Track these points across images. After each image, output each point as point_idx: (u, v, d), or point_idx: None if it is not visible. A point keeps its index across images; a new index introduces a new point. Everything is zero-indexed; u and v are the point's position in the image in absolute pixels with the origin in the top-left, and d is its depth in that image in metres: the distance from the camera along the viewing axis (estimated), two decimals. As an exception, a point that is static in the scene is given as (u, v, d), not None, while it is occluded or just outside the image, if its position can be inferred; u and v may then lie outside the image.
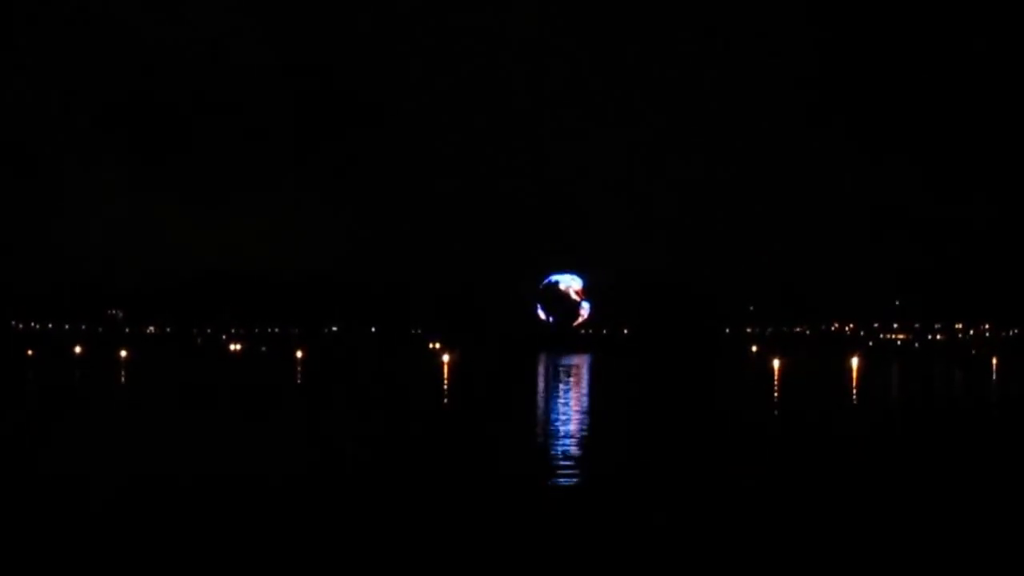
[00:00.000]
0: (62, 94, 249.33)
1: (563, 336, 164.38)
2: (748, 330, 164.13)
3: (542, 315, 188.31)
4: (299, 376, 48.39)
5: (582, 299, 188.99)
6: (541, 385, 43.29)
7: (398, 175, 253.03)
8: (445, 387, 40.60)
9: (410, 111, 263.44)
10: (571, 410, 29.18)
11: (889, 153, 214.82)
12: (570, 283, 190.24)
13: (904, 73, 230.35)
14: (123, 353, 73.89)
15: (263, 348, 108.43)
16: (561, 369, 59.06)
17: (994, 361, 70.77)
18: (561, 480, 15.83)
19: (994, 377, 51.63)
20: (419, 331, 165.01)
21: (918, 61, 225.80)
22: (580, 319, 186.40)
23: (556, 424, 24.52)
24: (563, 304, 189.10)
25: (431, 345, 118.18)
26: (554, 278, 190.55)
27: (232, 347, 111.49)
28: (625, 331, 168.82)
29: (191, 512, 12.72)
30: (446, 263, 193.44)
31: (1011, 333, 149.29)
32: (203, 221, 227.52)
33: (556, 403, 32.19)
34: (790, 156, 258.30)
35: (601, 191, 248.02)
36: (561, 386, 42.03)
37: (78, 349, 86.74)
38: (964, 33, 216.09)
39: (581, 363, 69.93)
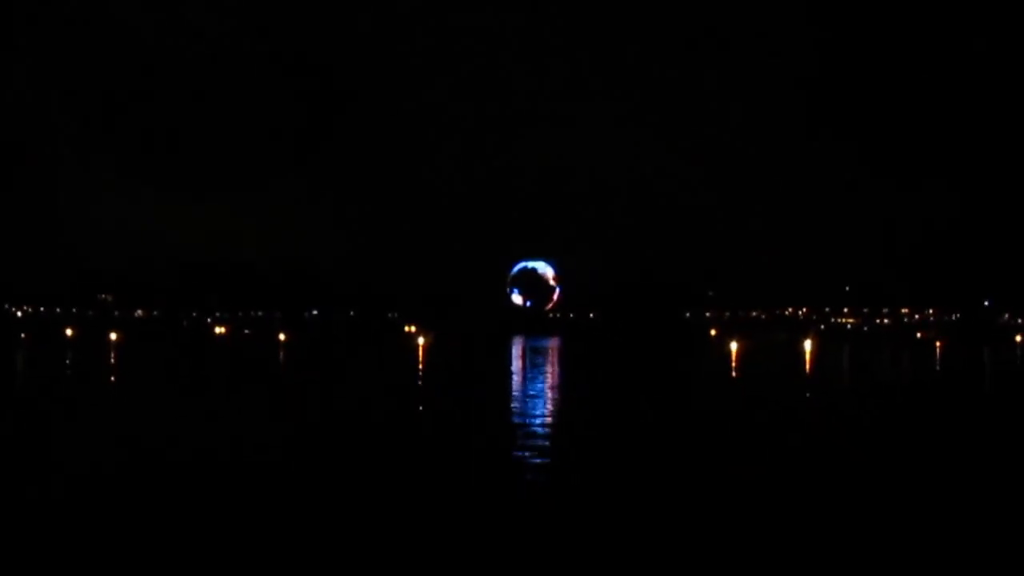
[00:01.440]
0: (60, 90, 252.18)
1: (538, 320, 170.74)
2: (707, 314, 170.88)
3: (519, 299, 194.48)
4: (280, 357, 50.51)
5: (557, 284, 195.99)
6: (518, 364, 44.69)
7: (380, 169, 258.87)
8: (424, 368, 42.06)
9: (396, 105, 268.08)
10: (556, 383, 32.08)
11: (843, 147, 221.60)
12: (545, 269, 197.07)
13: (863, 66, 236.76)
14: (112, 336, 77.98)
15: (246, 331, 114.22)
16: (540, 350, 61.63)
17: (937, 344, 75.16)
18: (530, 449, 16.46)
19: (937, 357, 54.52)
20: (395, 315, 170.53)
21: (881, 56, 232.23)
22: (551, 303, 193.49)
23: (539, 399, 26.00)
24: (540, 289, 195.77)
25: (407, 329, 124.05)
26: (530, 264, 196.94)
27: (217, 330, 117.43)
28: (591, 315, 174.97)
29: (170, 482, 12.99)
30: (424, 252, 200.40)
31: (954, 318, 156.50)
32: (191, 211, 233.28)
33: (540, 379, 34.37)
34: (749, 151, 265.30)
35: (568, 184, 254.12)
36: (540, 365, 44.15)
37: (69, 332, 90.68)
38: (910, 22, 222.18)
39: (557, 345, 74.22)
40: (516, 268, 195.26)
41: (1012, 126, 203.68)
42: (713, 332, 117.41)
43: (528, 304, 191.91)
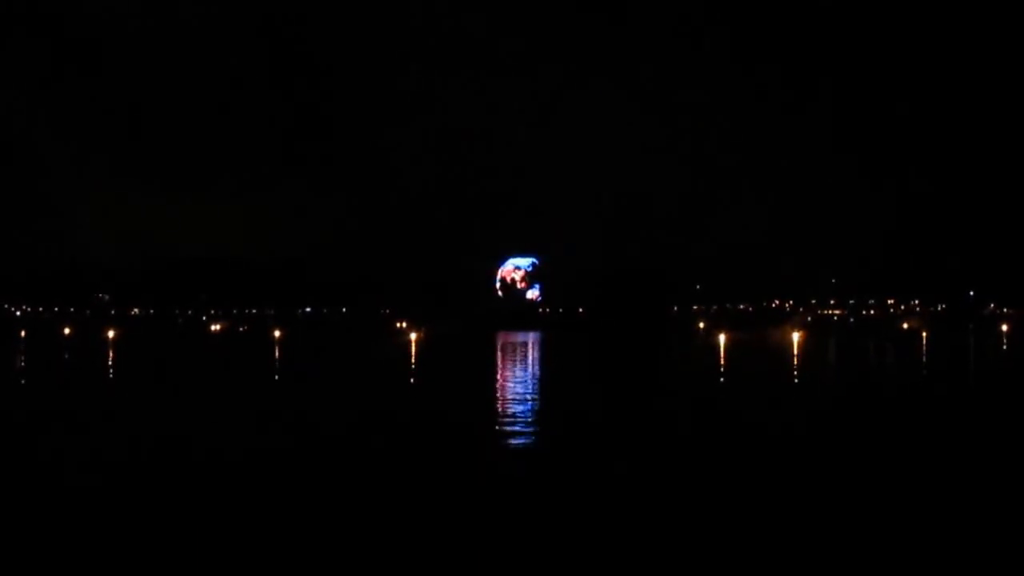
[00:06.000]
0: (51, 90, 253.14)
1: (535, 316, 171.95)
2: (695, 307, 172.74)
3: (536, 294, 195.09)
4: (275, 353, 51.43)
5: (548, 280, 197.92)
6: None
7: (371, 165, 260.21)
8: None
9: (387, 104, 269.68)
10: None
11: (828, 141, 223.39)
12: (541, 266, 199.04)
13: (847, 60, 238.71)
14: (110, 334, 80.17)
15: (240, 328, 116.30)
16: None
17: (924, 334, 77.56)
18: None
19: (923, 347, 55.35)
20: (387, 311, 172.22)
21: (866, 51, 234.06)
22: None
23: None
24: (548, 283, 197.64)
25: (398, 324, 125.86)
26: (537, 260, 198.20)
27: (213, 327, 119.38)
28: (580, 310, 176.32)
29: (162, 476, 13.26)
30: (413, 248, 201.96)
31: (939, 308, 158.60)
32: (186, 209, 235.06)
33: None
34: (735, 146, 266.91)
35: (555, 180, 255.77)
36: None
37: (67, 330, 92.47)
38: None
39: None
40: (527, 263, 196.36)
41: (1002, 122, 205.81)
42: (701, 324, 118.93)
43: (539, 299, 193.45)
